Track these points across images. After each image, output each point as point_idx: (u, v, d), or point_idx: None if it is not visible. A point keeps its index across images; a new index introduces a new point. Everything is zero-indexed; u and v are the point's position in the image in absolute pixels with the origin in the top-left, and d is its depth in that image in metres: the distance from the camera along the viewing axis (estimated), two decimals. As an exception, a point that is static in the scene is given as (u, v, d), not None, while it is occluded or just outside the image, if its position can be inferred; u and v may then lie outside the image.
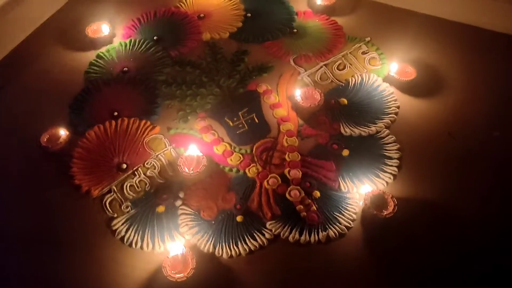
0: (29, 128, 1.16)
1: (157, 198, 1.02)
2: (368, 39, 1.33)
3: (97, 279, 0.91)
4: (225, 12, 1.46)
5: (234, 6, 1.47)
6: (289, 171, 1.05)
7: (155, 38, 1.38)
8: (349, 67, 1.26)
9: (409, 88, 1.19)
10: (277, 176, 1.05)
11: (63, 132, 1.13)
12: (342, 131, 1.12)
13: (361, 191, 1.00)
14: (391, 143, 1.09)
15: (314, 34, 1.36)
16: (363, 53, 1.29)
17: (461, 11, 1.33)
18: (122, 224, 0.99)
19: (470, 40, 1.30)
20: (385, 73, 1.23)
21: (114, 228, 0.98)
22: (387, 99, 1.18)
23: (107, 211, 1.01)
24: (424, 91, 1.19)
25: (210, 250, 0.94)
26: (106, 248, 0.95)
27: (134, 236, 0.97)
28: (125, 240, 0.96)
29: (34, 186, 1.06)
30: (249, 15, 1.44)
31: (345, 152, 1.08)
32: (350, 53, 1.30)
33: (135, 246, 0.95)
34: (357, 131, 1.11)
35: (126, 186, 1.05)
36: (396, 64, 1.21)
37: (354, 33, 1.36)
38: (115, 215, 1.00)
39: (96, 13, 1.45)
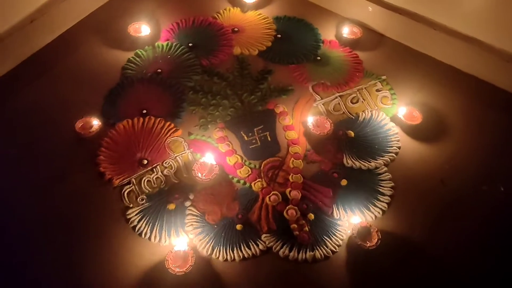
0: (66, 113, 1.27)
1: (170, 196, 1.13)
2: (384, 77, 1.41)
3: (106, 262, 1.02)
4: (257, 29, 1.55)
5: (267, 25, 1.56)
6: (290, 191, 1.15)
7: (190, 44, 1.48)
8: (362, 101, 1.35)
9: (413, 131, 1.27)
10: (279, 194, 1.15)
11: (96, 122, 1.24)
12: (345, 161, 1.21)
13: (351, 220, 1.09)
14: (386, 180, 1.18)
15: (336, 64, 1.45)
16: (377, 90, 1.37)
17: (477, 66, 1.39)
18: (136, 214, 1.10)
19: (479, 94, 1.37)
20: (394, 113, 1.31)
21: (128, 217, 1.09)
22: (390, 138, 1.26)
23: (124, 201, 1.12)
24: (426, 136, 1.26)
25: (209, 251, 1.04)
26: (118, 234, 1.07)
27: (144, 227, 1.08)
28: (136, 229, 1.07)
29: (62, 168, 1.17)
30: (279, 36, 1.53)
31: (344, 182, 1.17)
32: (365, 88, 1.38)
33: (144, 237, 1.06)
34: (358, 164, 1.20)
35: (144, 180, 1.16)
36: (405, 108, 1.29)
37: (372, 69, 1.43)
38: (131, 206, 1.12)
39: (139, 12, 1.56)
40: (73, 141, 1.22)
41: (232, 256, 1.04)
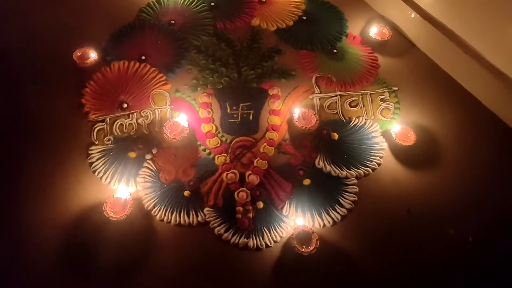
0: (70, 39, 1.31)
1: (135, 144, 1.15)
2: (395, 88, 1.32)
3: (55, 184, 1.07)
4: (285, 5, 1.49)
5: (297, 3, 1.50)
6: (249, 175, 1.13)
7: (212, 4, 1.46)
8: (361, 107, 1.28)
9: (400, 152, 1.19)
10: (237, 173, 1.13)
11: (93, 55, 1.27)
12: (317, 162, 1.17)
13: (297, 221, 1.07)
14: (351, 193, 1.13)
15: (350, 61, 1.37)
16: (382, 100, 1.29)
17: (500, 105, 1.27)
18: (98, 152, 1.14)
19: (492, 133, 1.25)
20: (388, 128, 1.23)
21: (90, 152, 1.13)
22: (373, 153, 1.19)
23: (92, 136, 1.16)
24: (412, 160, 1.18)
25: (149, 207, 1.06)
26: (75, 165, 1.11)
27: (100, 166, 1.11)
28: (92, 166, 1.11)
29: (49, 88, 1.22)
30: (304, 17, 1.47)
31: (307, 181, 1.14)
32: (370, 94, 1.30)
33: (97, 175, 1.10)
34: (329, 168, 1.16)
35: (117, 123, 1.19)
36: (400, 126, 1.21)
37: (386, 76, 1.35)
38: (96, 142, 1.15)
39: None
40: (67, 67, 1.26)
41: (169, 218, 1.05)
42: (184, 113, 1.20)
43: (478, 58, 1.25)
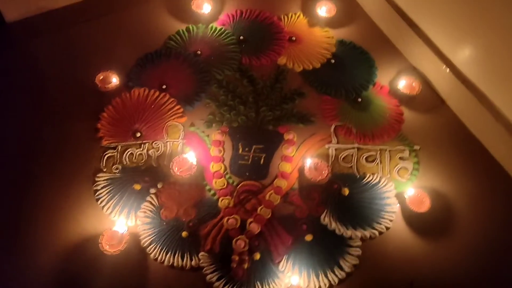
0: (95, 60, 1.35)
1: (141, 176, 1.16)
2: (417, 147, 1.27)
3: (58, 210, 1.09)
4: (314, 46, 1.47)
5: (327, 45, 1.47)
6: (251, 222, 1.11)
7: (241, 37, 1.46)
8: (378, 163, 1.24)
9: (411, 217, 1.14)
10: (239, 220, 1.11)
11: (115, 80, 1.29)
12: (322, 217, 1.13)
13: (291, 279, 1.04)
14: (353, 255, 1.09)
15: (373, 113, 1.33)
16: (401, 158, 1.25)
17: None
18: (104, 180, 1.15)
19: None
20: (403, 190, 1.18)
21: (96, 179, 1.15)
22: (384, 215, 1.15)
23: (101, 163, 1.17)
24: (422, 228, 1.13)
25: (145, 244, 1.06)
26: (80, 191, 1.13)
27: (104, 195, 1.13)
28: (96, 194, 1.13)
29: (66, 109, 1.26)
30: (332, 61, 1.44)
31: (309, 237, 1.10)
32: (389, 150, 1.26)
33: (99, 204, 1.11)
34: (334, 225, 1.12)
35: (128, 152, 1.20)
36: (414, 190, 1.16)
37: (410, 133, 1.29)
38: (104, 170, 1.17)
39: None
40: (88, 89, 1.29)
41: (163, 258, 1.05)
42: (195, 149, 1.20)
43: (510, 128, 1.18)
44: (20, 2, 1.39)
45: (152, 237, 1.07)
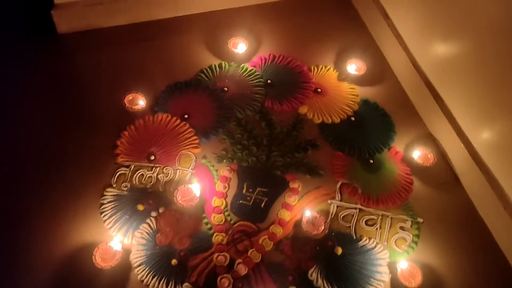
0: (129, 80, 1.45)
1: (146, 198, 1.22)
2: (420, 220, 1.27)
3: (62, 215, 1.17)
4: (338, 101, 1.51)
5: (350, 102, 1.51)
6: (238, 263, 1.15)
7: (268, 81, 1.52)
8: (377, 228, 1.25)
9: (400, 290, 1.14)
10: (228, 258, 1.15)
11: (142, 102, 1.38)
12: (310, 272, 1.15)
13: (266, 328, 1.06)
14: (333, 318, 1.09)
15: (383, 177, 1.35)
16: (401, 228, 1.25)
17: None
18: (112, 195, 1.22)
19: None
20: (397, 260, 1.19)
21: (105, 193, 1.22)
22: (372, 282, 1.15)
23: (112, 178, 1.25)
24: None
25: (135, 264, 1.12)
26: (88, 201, 1.20)
27: (109, 210, 1.20)
28: (101, 207, 1.20)
29: (91, 122, 1.35)
30: (352, 118, 1.47)
31: (292, 290, 1.13)
32: (391, 217, 1.27)
33: (102, 217, 1.18)
34: (320, 282, 1.14)
35: (139, 173, 1.27)
36: (408, 263, 1.16)
37: (416, 205, 1.30)
38: (114, 185, 1.24)
39: (253, 31, 1.63)
40: (116, 107, 1.38)
41: (149, 281, 1.10)
42: (202, 181, 1.26)
43: (516, 218, 1.17)
44: (73, 17, 1.52)
45: (143, 259, 1.13)
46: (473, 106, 1.30)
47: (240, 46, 1.56)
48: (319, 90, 1.53)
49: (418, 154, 1.38)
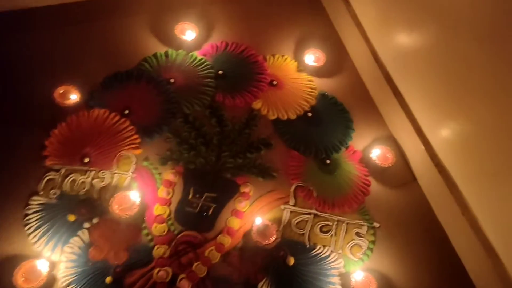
0: (61, 71, 1.31)
1: (78, 208, 1.11)
2: (376, 225, 1.23)
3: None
4: (294, 95, 1.43)
5: (307, 96, 1.43)
6: (181, 279, 1.07)
7: (220, 72, 1.41)
8: (332, 235, 1.19)
9: (354, 303, 1.10)
10: (170, 273, 1.07)
11: (74, 97, 1.25)
12: (259, 286, 1.09)
13: None
14: (283, 335, 1.04)
15: (339, 178, 1.29)
16: (357, 234, 1.20)
17: (484, 280, 1.15)
18: (38, 204, 1.10)
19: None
20: (352, 270, 1.14)
21: (30, 202, 1.10)
22: (325, 295, 1.10)
23: (40, 184, 1.13)
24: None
25: (63, 284, 1.01)
26: (9, 214, 1.08)
27: (34, 221, 1.08)
28: (26, 218, 1.08)
29: (17, 119, 1.21)
30: (310, 114, 1.40)
31: (240, 306, 1.06)
32: (347, 223, 1.22)
33: (26, 230, 1.06)
34: (270, 297, 1.08)
35: (71, 177, 1.15)
36: (363, 274, 1.12)
37: (373, 209, 1.26)
38: (41, 193, 1.12)
39: (198, 17, 1.51)
40: (45, 101, 1.24)
41: (80, 304, 1.00)
42: (143, 186, 1.16)
43: (474, 225, 1.15)
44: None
45: (73, 277, 1.03)
46: (433, 105, 1.25)
47: (188, 33, 1.44)
48: (275, 82, 1.44)
49: (376, 153, 1.33)
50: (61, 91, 1.25)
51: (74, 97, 1.25)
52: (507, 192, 1.06)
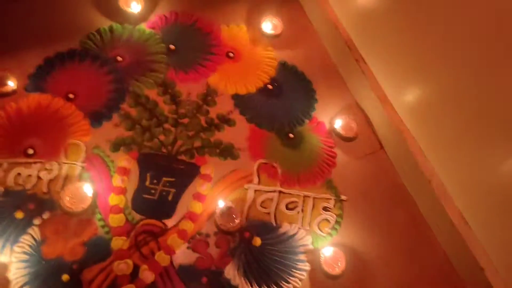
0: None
1: (25, 203, 1.06)
2: (344, 198, 1.23)
3: None
4: (253, 67, 1.39)
5: (267, 67, 1.40)
6: (144, 270, 1.04)
7: (171, 46, 1.36)
8: (299, 212, 1.19)
9: (323, 278, 1.11)
10: (131, 265, 1.04)
11: (11, 84, 1.17)
12: (227, 270, 1.08)
13: None
14: (253, 318, 1.05)
15: (304, 152, 1.28)
16: (324, 209, 1.21)
17: (454, 251, 1.19)
18: (-21, 203, 1.04)
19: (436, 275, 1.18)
20: (321, 245, 1.15)
21: (-30, 202, 1.04)
22: (294, 272, 1.11)
23: (-20, 183, 1.07)
24: (334, 292, 1.11)
25: (16, 286, 0.98)
26: None
27: (-23, 222, 1.02)
28: (-33, 220, 1.02)
29: None
30: (270, 87, 1.37)
31: (209, 292, 1.06)
32: (313, 198, 1.21)
33: (-31, 233, 1.01)
34: (238, 281, 1.08)
35: (15, 171, 1.09)
36: (332, 249, 1.13)
37: (339, 181, 1.26)
38: (-18, 191, 1.06)
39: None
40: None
41: (35, 306, 0.96)
42: (96, 176, 1.12)
43: (442, 191, 1.17)
44: None
45: (26, 278, 0.99)
46: (396, 71, 1.25)
47: (133, 5, 1.36)
48: (231, 54, 1.40)
49: (340, 124, 1.32)
50: (-5, 77, 1.17)
51: (11, 83, 1.17)
52: (472, 156, 1.08)
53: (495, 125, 1.00)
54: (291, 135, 1.30)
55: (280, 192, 1.21)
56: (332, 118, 1.34)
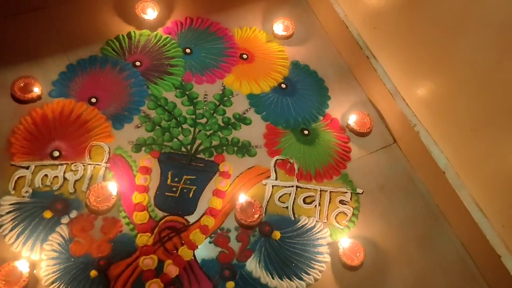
0: (20, 61, 1.26)
1: (53, 203, 1.10)
2: (360, 191, 1.25)
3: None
4: (266, 68, 1.43)
5: (279, 67, 1.44)
6: (169, 265, 1.08)
7: (186, 50, 1.40)
8: (316, 206, 1.22)
9: (342, 270, 1.13)
10: (156, 260, 1.08)
11: (37, 90, 1.22)
12: (248, 263, 1.11)
13: (204, 332, 1.01)
14: (276, 309, 1.07)
15: (319, 147, 1.31)
16: (341, 202, 1.23)
17: (473, 247, 1.20)
18: (10, 204, 1.09)
19: (449, 266, 1.19)
20: (339, 238, 1.17)
21: (1, 203, 1.08)
22: (313, 264, 1.13)
23: (10, 184, 1.11)
24: (353, 281, 1.12)
25: (47, 283, 1.01)
26: (-19, 216, 1.06)
27: (9, 222, 1.07)
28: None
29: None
30: (283, 85, 1.40)
31: (230, 285, 1.08)
32: (330, 192, 1.24)
33: (1, 232, 1.05)
34: (259, 273, 1.10)
35: (42, 173, 1.14)
36: (350, 240, 1.15)
37: (355, 175, 1.28)
38: (12, 192, 1.10)
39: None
40: (3, 97, 1.20)
41: (65, 302, 1.00)
42: (119, 175, 1.16)
43: (456, 182, 1.18)
44: None
45: (56, 275, 1.03)
46: (407, 65, 1.27)
47: (149, 12, 1.41)
48: (245, 56, 1.43)
49: (354, 119, 1.35)
50: (21, 85, 1.22)
51: (36, 90, 1.22)
52: (485, 147, 1.09)
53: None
54: (306, 132, 1.33)
55: (297, 187, 1.24)
56: (345, 114, 1.37)
